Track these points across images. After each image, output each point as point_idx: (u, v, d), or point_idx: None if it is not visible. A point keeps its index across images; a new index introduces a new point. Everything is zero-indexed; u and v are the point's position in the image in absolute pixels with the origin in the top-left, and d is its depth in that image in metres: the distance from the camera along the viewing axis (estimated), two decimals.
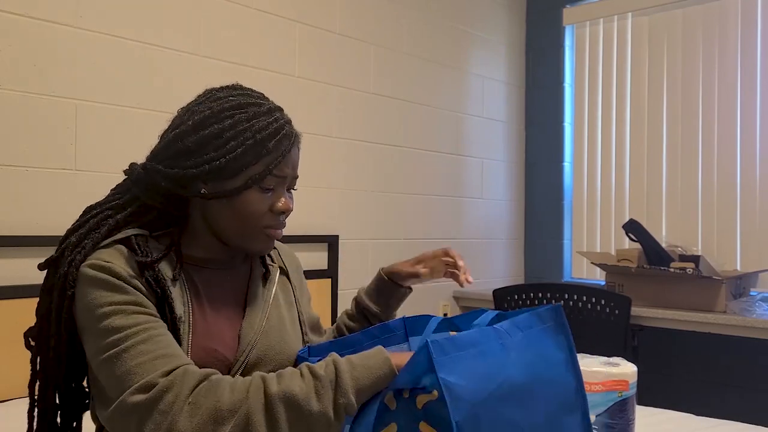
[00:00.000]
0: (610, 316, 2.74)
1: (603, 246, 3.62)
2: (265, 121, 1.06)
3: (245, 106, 1.07)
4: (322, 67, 2.83)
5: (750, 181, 3.19)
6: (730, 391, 3.06)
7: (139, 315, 0.97)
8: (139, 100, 2.24)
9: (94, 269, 1.00)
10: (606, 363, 1.22)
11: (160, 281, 1.02)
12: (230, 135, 1.04)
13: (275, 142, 1.06)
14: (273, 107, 1.10)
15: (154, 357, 0.93)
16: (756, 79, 3.18)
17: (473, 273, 3.53)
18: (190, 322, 1.05)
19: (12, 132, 1.97)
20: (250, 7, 2.57)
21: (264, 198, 1.08)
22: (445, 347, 0.91)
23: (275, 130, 1.06)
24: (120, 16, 2.20)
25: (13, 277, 1.94)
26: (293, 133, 1.10)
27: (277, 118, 1.08)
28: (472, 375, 0.91)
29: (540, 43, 3.85)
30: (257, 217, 1.08)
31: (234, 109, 1.06)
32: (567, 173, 3.79)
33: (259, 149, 1.05)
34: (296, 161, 1.12)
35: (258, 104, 1.09)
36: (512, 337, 0.98)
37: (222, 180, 1.05)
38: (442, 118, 3.38)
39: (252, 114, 1.06)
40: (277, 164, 1.06)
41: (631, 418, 1.17)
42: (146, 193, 1.10)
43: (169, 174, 1.06)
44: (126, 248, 1.04)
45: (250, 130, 1.05)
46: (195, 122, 1.05)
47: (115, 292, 0.98)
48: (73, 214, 1.16)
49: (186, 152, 1.05)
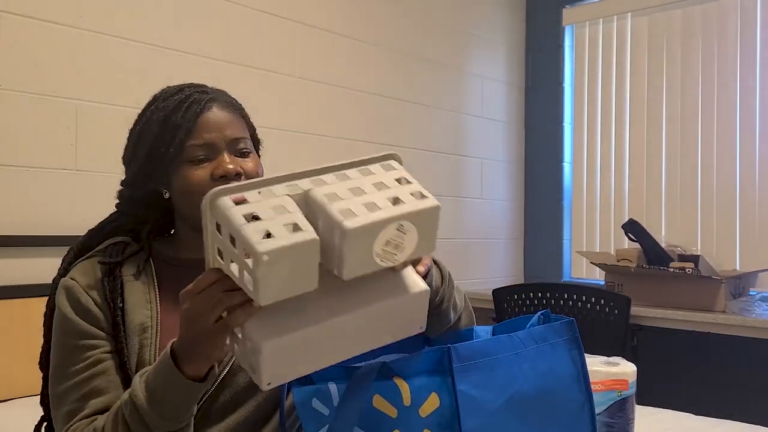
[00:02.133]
0: (610, 316, 2.74)
1: (602, 246, 3.62)
2: (171, 100, 1.08)
3: (157, 97, 1.11)
4: (322, 67, 2.83)
5: (749, 181, 3.19)
6: (730, 390, 3.06)
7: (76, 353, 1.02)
8: (139, 100, 2.22)
9: (61, 289, 1.07)
10: (605, 362, 1.22)
11: (112, 296, 1.05)
12: (146, 127, 1.08)
13: (182, 112, 1.05)
14: (184, 85, 1.11)
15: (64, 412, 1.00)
16: (755, 79, 3.18)
17: (473, 273, 3.54)
18: (158, 327, 1.04)
19: (12, 132, 1.97)
20: (250, 7, 2.57)
21: (199, 170, 1.05)
22: (463, 354, 0.90)
23: (179, 101, 1.06)
24: (120, 16, 2.20)
25: (13, 277, 1.94)
26: (203, 98, 1.07)
27: (184, 91, 1.09)
28: (486, 385, 0.90)
29: (540, 43, 3.85)
30: (199, 188, 1.01)
31: (150, 104, 1.11)
32: (567, 173, 3.79)
33: (169, 126, 1.05)
34: (221, 122, 1.07)
35: (167, 90, 1.11)
36: (527, 348, 0.97)
37: (157, 169, 1.07)
38: (442, 118, 3.38)
39: (161, 99, 1.09)
40: (189, 132, 1.05)
41: (630, 418, 1.18)
42: (126, 204, 1.15)
43: (124, 182, 1.13)
44: (101, 259, 1.09)
45: (158, 113, 1.07)
46: (129, 133, 1.14)
47: (65, 322, 1.04)
48: (73, 214, 1.18)
49: (129, 160, 1.12)
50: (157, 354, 1.02)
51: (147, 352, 1.03)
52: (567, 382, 0.99)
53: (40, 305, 1.95)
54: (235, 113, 1.10)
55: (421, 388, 0.90)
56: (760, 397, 2.97)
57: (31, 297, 1.91)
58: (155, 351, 1.03)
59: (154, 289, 1.08)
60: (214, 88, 1.13)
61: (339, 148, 2.89)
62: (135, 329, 1.04)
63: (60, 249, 2.05)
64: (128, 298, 1.06)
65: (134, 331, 1.04)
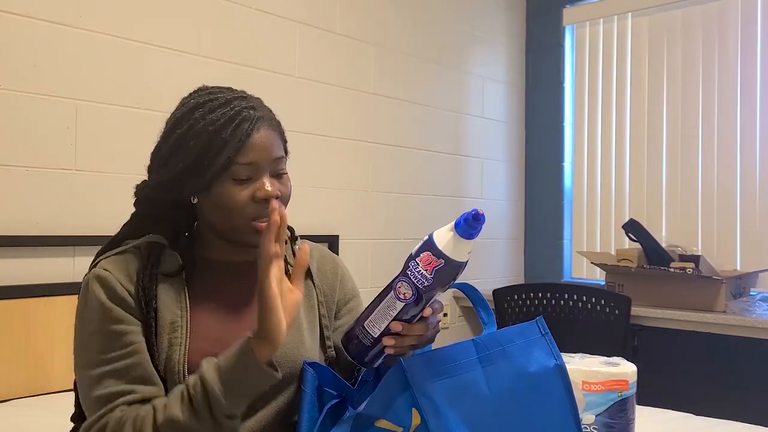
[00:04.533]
0: (610, 316, 2.74)
1: (603, 246, 3.62)
2: (220, 112, 1.06)
3: (203, 104, 1.08)
4: (322, 67, 2.83)
5: (750, 181, 3.19)
6: (730, 390, 3.06)
7: (116, 338, 1.02)
8: (139, 100, 2.24)
9: (93, 278, 1.06)
10: (606, 363, 1.22)
11: (147, 292, 1.05)
12: (191, 135, 1.05)
13: (232, 129, 1.04)
14: (231, 97, 1.09)
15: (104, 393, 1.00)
16: (756, 79, 3.18)
17: (473, 273, 3.54)
18: (188, 327, 1.06)
19: (12, 132, 1.97)
20: (250, 7, 2.57)
21: (241, 189, 1.06)
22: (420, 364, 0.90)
23: (230, 117, 1.05)
24: (120, 16, 2.20)
25: (13, 277, 1.94)
26: (254, 116, 1.07)
27: (234, 106, 1.07)
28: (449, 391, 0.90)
29: (540, 43, 3.85)
30: (239, 209, 1.06)
31: (194, 110, 1.08)
32: (567, 173, 3.79)
33: (217, 141, 1.04)
34: (268, 143, 1.07)
35: (215, 99, 1.09)
36: (491, 350, 0.97)
37: (196, 180, 1.06)
38: (442, 118, 3.38)
39: (208, 109, 1.07)
40: (239, 151, 1.04)
41: (631, 418, 1.17)
42: (149, 206, 1.14)
43: (153, 184, 1.12)
44: (134, 255, 1.09)
45: (206, 125, 1.05)
46: (165, 133, 1.11)
47: (102, 309, 1.03)
48: (73, 214, 1.17)
49: (163, 163, 1.10)
50: (186, 354, 1.04)
51: (176, 352, 1.04)
52: (544, 378, 1.00)
53: (40, 305, 1.96)
54: (277, 132, 1.11)
55: (399, 413, 0.91)
56: (761, 398, 2.97)
57: (31, 297, 1.91)
58: (185, 351, 1.04)
59: (184, 290, 1.09)
60: (258, 102, 1.12)
61: (339, 148, 2.89)
62: (166, 327, 1.05)
63: (60, 249, 2.06)
64: (160, 295, 1.07)
65: (165, 329, 1.05)
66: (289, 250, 1.21)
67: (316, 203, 2.80)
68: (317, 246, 1.29)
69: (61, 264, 2.02)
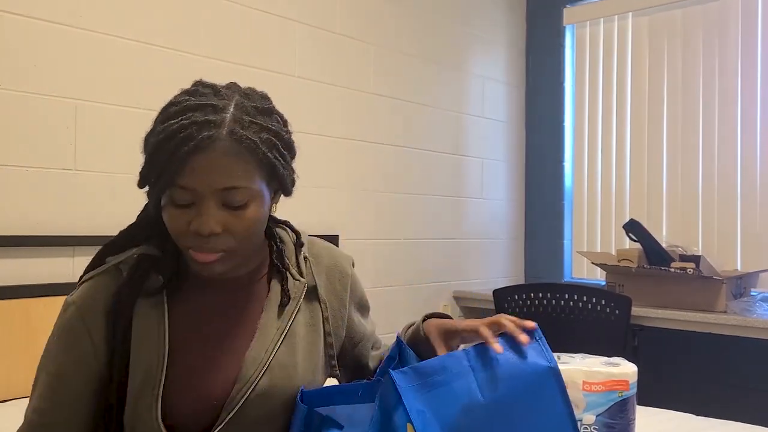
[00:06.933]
0: (611, 316, 2.73)
1: (603, 246, 3.62)
2: (170, 123, 0.90)
3: (166, 108, 0.95)
4: (322, 67, 2.83)
5: (750, 181, 3.18)
6: (731, 390, 3.06)
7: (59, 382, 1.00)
8: (139, 100, 2.24)
9: (64, 307, 1.02)
10: (606, 363, 1.21)
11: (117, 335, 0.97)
12: (147, 141, 0.95)
13: (173, 146, 0.89)
14: (194, 104, 0.92)
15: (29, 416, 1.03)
16: (756, 79, 3.17)
17: (473, 273, 3.54)
18: (164, 366, 0.96)
19: (12, 132, 1.97)
20: (250, 7, 2.57)
21: (181, 214, 0.93)
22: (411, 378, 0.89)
23: (171, 134, 0.89)
24: (120, 16, 2.20)
25: (13, 277, 1.94)
26: (201, 136, 0.89)
27: (186, 117, 0.90)
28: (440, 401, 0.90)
29: (540, 43, 3.85)
30: (176, 235, 0.95)
31: (161, 111, 0.96)
32: (567, 173, 3.79)
33: (158, 158, 0.91)
34: (211, 169, 0.90)
35: (178, 103, 0.93)
36: (483, 358, 0.97)
37: (150, 191, 0.96)
38: (442, 118, 3.38)
39: (165, 116, 0.93)
40: (176, 174, 0.90)
41: (631, 418, 1.17)
42: (142, 216, 1.08)
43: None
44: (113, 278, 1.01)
45: (156, 134, 0.92)
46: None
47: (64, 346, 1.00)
48: (73, 214, 1.16)
49: None
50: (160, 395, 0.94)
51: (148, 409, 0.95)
52: (538, 382, 0.98)
53: (40, 305, 1.95)
54: (241, 155, 0.92)
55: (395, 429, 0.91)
56: (761, 398, 2.97)
57: (30, 297, 1.91)
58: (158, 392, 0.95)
59: (164, 320, 0.99)
60: (231, 112, 0.93)
61: (339, 148, 2.88)
62: (138, 373, 0.97)
63: (60, 249, 2.06)
64: (137, 327, 0.98)
65: (137, 374, 0.97)
66: (293, 259, 1.13)
67: (316, 203, 2.80)
68: (328, 249, 1.19)
69: (61, 264, 2.02)
